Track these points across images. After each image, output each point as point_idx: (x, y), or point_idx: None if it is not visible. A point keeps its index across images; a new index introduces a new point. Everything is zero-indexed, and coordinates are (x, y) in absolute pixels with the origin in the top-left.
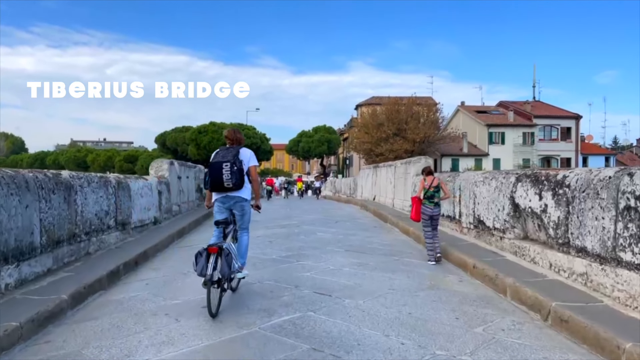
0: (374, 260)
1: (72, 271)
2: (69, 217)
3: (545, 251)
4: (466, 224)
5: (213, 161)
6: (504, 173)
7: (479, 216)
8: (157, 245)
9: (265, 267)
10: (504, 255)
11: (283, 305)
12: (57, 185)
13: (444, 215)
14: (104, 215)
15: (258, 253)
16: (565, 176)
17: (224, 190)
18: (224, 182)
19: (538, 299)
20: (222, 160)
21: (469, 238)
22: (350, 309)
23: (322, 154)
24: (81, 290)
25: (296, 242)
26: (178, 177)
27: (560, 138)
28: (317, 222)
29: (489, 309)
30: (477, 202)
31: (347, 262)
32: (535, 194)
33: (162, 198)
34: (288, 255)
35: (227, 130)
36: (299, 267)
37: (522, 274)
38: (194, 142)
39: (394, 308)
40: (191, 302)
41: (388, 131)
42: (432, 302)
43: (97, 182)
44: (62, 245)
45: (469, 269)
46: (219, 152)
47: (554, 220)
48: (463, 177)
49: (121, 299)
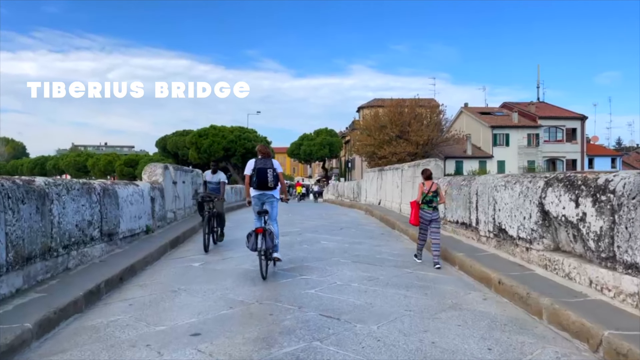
0: (384, 273)
1: (46, 291)
2: (43, 230)
3: (584, 266)
4: (484, 233)
5: (258, 167)
6: (529, 177)
7: (500, 224)
8: (147, 258)
9: (264, 283)
10: (532, 268)
11: (285, 333)
12: (28, 194)
13: (457, 222)
14: (86, 226)
15: (257, 265)
16: (608, 180)
17: (266, 188)
18: (268, 182)
19: (585, 325)
20: (265, 167)
21: (488, 248)
22: (363, 337)
23: (324, 157)
24: (50, 316)
25: (299, 252)
26: (173, 182)
27: (566, 139)
28: (320, 229)
29: (524, 336)
30: (497, 208)
31: (355, 275)
32: (571, 201)
33: (155, 205)
34: (290, 268)
35: (260, 146)
36: (302, 282)
37: (558, 293)
38: (194, 146)
39: (414, 336)
40: (178, 328)
41: (391, 133)
42: (457, 327)
43: (79, 190)
44: (34, 261)
45: (493, 285)
46: (258, 161)
47: (594, 231)
48: (480, 181)
49: (98, 325)
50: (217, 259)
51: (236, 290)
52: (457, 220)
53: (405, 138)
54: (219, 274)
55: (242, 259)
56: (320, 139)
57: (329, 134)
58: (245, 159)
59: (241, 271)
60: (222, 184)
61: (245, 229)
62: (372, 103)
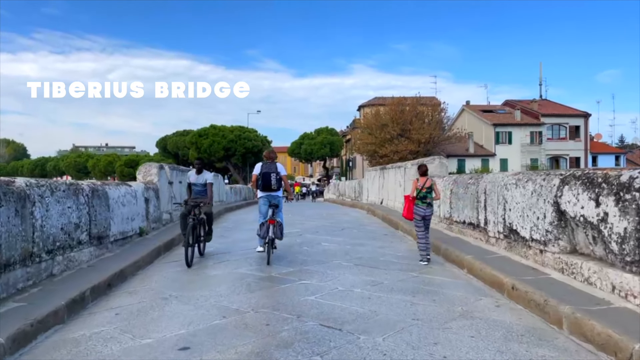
0: (389, 277)
1: (26, 300)
2: (23, 234)
3: (606, 270)
4: (494, 233)
5: (263, 172)
6: (542, 174)
7: (511, 224)
8: (138, 262)
9: (261, 289)
10: (547, 272)
11: (281, 346)
12: (6, 196)
13: (464, 222)
14: (73, 229)
15: (254, 269)
16: (633, 177)
17: (270, 190)
18: (272, 185)
19: (612, 337)
20: (269, 171)
21: (497, 249)
22: (367, 352)
23: (324, 157)
24: (27, 328)
25: (299, 254)
26: (169, 183)
27: (569, 137)
28: (321, 230)
29: (545, 349)
30: (508, 208)
31: (358, 280)
32: (590, 200)
33: (149, 206)
34: (289, 272)
35: (266, 152)
36: (301, 288)
37: (578, 300)
38: (194, 146)
39: (424, 349)
40: (166, 341)
41: (392, 132)
42: (470, 339)
43: (65, 191)
44: (13, 268)
45: (505, 290)
46: (264, 165)
47: (618, 233)
48: (489, 179)
49: (79, 338)
50: (212, 263)
51: (231, 297)
52: (464, 221)
53: (407, 136)
54: (213, 279)
55: (239, 263)
56: (321, 138)
57: (330, 133)
58: (245, 159)
59: (237, 276)
60: (209, 186)
61: (244, 231)
62: (373, 102)
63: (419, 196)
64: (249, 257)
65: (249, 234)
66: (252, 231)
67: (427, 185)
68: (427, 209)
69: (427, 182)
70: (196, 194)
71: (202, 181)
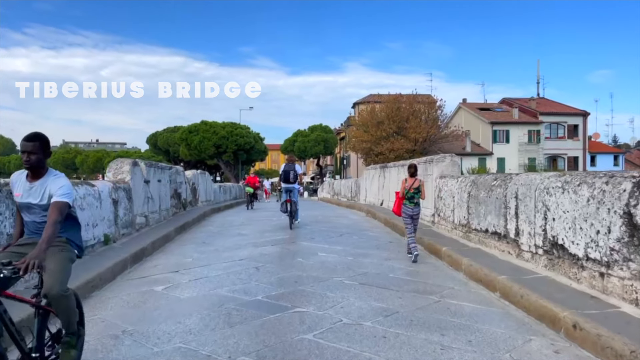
0: (404, 303)
1: None
2: None
3: None
4: (529, 247)
5: (285, 170)
6: (604, 176)
7: (555, 238)
8: (93, 281)
9: (244, 321)
10: (613, 303)
11: None
12: None
13: (487, 231)
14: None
15: (237, 289)
16: None
17: (289, 183)
18: (290, 179)
19: None
20: (289, 170)
21: (534, 267)
22: None
23: (318, 154)
24: None
25: (292, 268)
26: (145, 182)
27: (567, 136)
28: (316, 236)
29: None
30: (550, 217)
31: (366, 307)
32: None
33: (118, 209)
34: (280, 294)
35: (288, 156)
36: (295, 319)
37: None
38: (184, 142)
39: None
40: None
41: (388, 129)
42: None
43: None
44: None
45: (563, 328)
46: (286, 165)
47: None
48: (521, 180)
49: None
50: (186, 279)
51: (202, 336)
52: (487, 229)
53: (403, 134)
54: (184, 305)
55: (220, 280)
56: (314, 135)
57: (324, 130)
58: (237, 156)
59: (215, 300)
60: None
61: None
62: (368, 99)
63: (406, 196)
64: (232, 271)
65: (236, 240)
66: (239, 237)
67: (415, 185)
68: (414, 208)
69: (415, 182)
70: (29, 228)
71: (38, 198)
